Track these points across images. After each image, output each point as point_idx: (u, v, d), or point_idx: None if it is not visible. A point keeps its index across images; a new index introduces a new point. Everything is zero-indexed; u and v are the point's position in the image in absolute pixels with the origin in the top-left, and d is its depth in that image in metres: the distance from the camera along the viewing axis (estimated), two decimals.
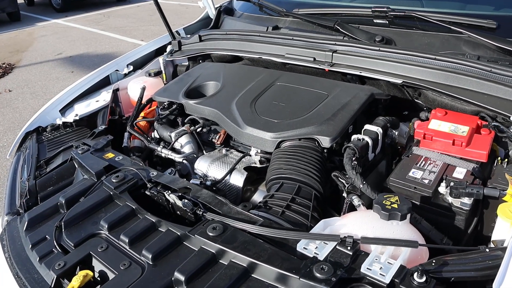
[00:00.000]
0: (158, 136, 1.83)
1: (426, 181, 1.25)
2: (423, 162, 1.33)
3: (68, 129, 1.89)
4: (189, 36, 2.51)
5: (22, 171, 1.60)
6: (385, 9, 1.82)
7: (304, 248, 1.02)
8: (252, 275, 1.00)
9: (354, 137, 1.39)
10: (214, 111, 1.64)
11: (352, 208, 1.27)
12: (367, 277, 0.94)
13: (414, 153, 1.37)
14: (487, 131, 1.36)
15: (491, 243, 1.07)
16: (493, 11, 1.78)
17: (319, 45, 1.82)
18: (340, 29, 1.86)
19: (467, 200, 1.17)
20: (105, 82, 2.21)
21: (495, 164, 1.31)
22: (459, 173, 1.27)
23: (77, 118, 1.89)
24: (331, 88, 1.62)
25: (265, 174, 1.55)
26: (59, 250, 1.19)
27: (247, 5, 2.49)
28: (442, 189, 1.23)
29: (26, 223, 1.30)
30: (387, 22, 1.86)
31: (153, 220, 1.20)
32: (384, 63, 1.63)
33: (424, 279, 0.91)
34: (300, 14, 2.07)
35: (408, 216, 1.06)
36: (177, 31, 2.49)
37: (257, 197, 1.49)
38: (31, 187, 1.46)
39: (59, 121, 1.91)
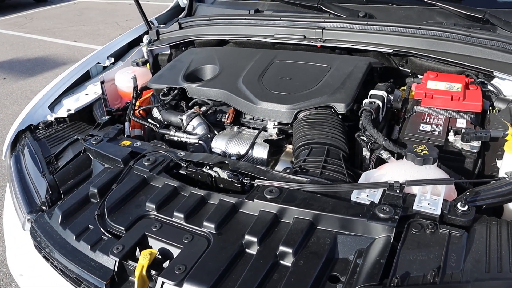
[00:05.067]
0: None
1: (437, 133, 1.42)
2: (428, 117, 1.50)
3: (62, 124, 1.80)
4: (162, 25, 2.49)
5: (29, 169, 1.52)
6: None
7: (357, 197, 1.12)
8: (317, 227, 1.08)
9: (366, 101, 1.52)
10: (222, 92, 1.68)
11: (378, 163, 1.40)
12: (420, 213, 1.06)
13: (417, 111, 1.54)
14: (475, 87, 1.56)
15: (504, 175, 1.25)
16: None
17: (308, 23, 1.93)
18: (324, 8, 1.99)
19: (475, 143, 1.35)
20: (85, 76, 2.13)
21: (488, 113, 1.52)
22: (461, 123, 1.45)
23: (72, 112, 1.82)
24: (330, 61, 1.73)
25: (280, 146, 1.64)
26: (109, 236, 1.17)
27: None
28: (451, 137, 1.40)
29: (61, 216, 1.26)
30: None
31: (202, 194, 1.22)
32: (374, 35, 1.78)
33: (466, 207, 1.06)
34: None
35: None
36: (150, 21, 2.45)
37: (279, 168, 1.56)
38: (50, 182, 1.40)
39: (50, 118, 1.82)
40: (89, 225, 1.22)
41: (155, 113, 1.86)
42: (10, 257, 1.52)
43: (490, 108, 1.53)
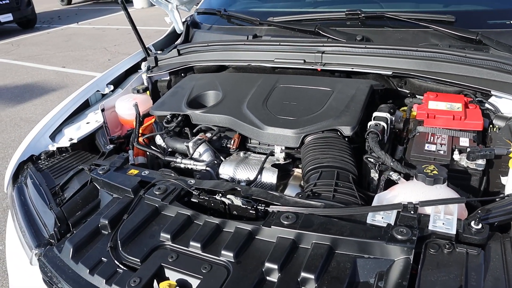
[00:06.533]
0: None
1: (442, 152, 1.45)
2: (432, 137, 1.53)
3: (64, 154, 1.79)
4: (159, 52, 2.51)
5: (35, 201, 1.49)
6: (358, 11, 2.04)
7: (372, 220, 1.13)
8: (336, 251, 1.09)
9: (371, 123, 1.55)
10: (227, 118, 1.69)
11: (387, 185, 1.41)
12: (436, 233, 1.08)
13: (421, 132, 1.57)
14: (474, 106, 1.61)
15: (511, 191, 1.28)
16: (448, 8, 2.10)
17: (307, 47, 1.97)
18: (321, 32, 2.04)
19: (481, 161, 1.38)
20: (85, 104, 2.13)
21: (489, 131, 1.56)
22: (464, 142, 1.49)
23: (74, 141, 1.80)
24: (333, 85, 1.76)
25: (288, 170, 1.65)
26: (124, 268, 1.15)
27: (213, 18, 2.56)
28: (456, 156, 1.43)
29: (72, 250, 1.23)
30: (360, 23, 2.08)
31: (217, 222, 1.22)
32: (373, 58, 1.83)
33: (480, 226, 1.08)
34: (276, 22, 2.21)
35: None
36: (148, 47, 2.47)
37: (288, 192, 1.56)
38: (58, 214, 1.38)
39: (52, 147, 1.80)
40: (102, 258, 1.20)
41: (159, 140, 1.86)
42: None
43: (490, 126, 1.57)
